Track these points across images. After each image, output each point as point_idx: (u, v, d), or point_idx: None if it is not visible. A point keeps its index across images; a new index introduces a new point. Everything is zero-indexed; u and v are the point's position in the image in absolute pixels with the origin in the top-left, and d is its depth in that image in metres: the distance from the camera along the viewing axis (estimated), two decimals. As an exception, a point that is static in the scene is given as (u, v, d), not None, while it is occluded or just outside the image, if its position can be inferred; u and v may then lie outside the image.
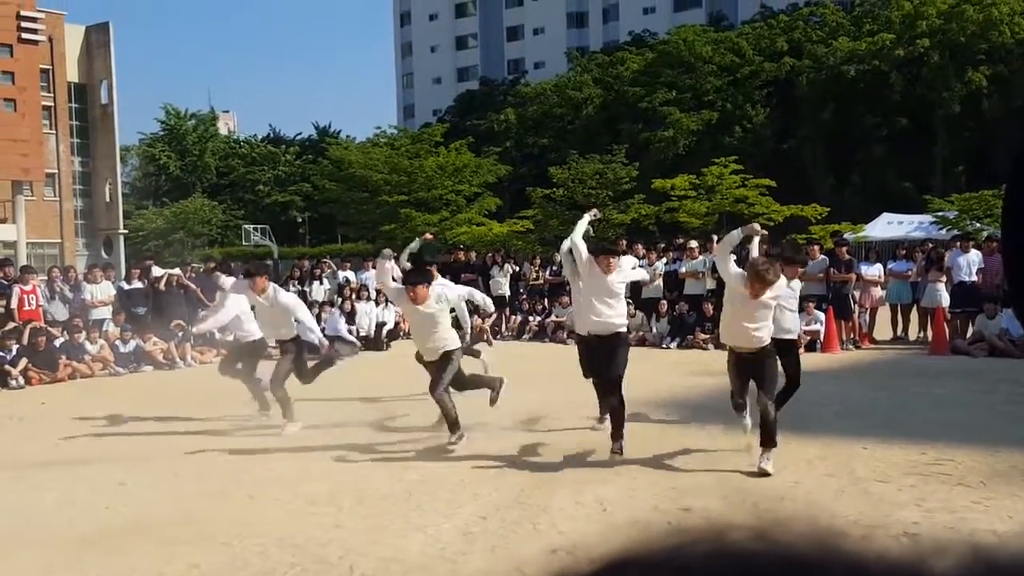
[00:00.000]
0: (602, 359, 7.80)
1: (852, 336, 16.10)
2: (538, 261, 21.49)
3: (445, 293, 8.33)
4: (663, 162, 46.59)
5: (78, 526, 6.27)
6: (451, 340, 8.20)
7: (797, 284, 8.15)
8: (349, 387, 8.78)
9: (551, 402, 10.21)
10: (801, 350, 8.11)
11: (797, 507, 6.10)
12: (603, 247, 8.11)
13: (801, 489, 6.23)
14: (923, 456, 7.59)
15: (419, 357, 8.41)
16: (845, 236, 27.47)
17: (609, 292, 7.77)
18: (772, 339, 7.24)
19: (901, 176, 46.03)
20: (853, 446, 7.71)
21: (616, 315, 7.80)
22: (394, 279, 8.38)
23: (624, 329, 7.94)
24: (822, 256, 16.56)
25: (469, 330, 9.63)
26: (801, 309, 10.11)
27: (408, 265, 10.66)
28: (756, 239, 7.80)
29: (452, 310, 8.49)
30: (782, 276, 7.24)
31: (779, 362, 7.44)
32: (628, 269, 8.29)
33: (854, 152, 46.83)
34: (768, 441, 7.01)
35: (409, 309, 8.17)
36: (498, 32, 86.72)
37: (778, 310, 7.39)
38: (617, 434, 7.69)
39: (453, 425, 8.00)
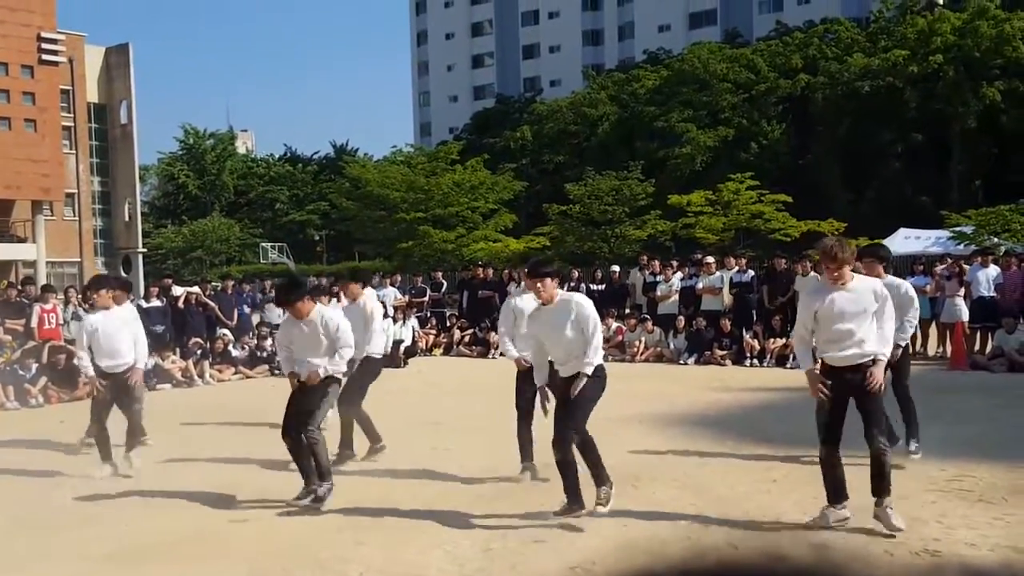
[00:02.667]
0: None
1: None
2: (554, 278, 21.44)
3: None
4: (679, 178, 46.60)
5: (101, 543, 6.32)
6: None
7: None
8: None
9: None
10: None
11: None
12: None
13: (820, 505, 6.21)
14: (943, 472, 7.56)
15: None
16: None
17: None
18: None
19: (918, 191, 45.81)
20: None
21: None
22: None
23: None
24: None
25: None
26: None
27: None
28: None
29: None
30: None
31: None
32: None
33: (870, 167, 46.65)
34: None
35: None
36: (514, 50, 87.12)
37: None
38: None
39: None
